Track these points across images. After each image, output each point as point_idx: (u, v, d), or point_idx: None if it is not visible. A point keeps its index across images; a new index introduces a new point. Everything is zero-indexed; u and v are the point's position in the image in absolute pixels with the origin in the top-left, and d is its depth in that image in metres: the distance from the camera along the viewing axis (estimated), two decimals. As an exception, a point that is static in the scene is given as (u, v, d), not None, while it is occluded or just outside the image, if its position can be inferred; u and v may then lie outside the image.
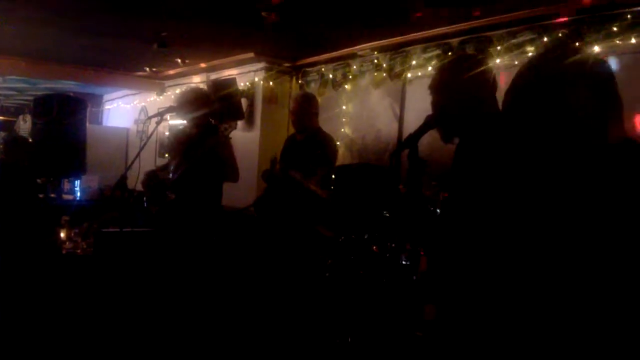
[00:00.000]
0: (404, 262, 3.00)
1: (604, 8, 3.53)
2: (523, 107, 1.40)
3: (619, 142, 1.33)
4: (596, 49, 3.52)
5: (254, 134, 6.18)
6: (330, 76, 5.69)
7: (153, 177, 3.93)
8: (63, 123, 6.85)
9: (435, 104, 2.22)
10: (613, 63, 3.43)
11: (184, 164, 3.89)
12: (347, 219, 3.63)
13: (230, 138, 4.28)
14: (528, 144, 1.42)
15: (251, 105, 6.28)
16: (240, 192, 4.80)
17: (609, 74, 1.37)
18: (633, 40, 3.41)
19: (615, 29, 3.47)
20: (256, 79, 6.22)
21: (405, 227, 3.10)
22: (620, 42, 3.48)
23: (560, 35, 3.74)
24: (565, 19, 3.74)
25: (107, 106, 9.90)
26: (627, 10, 3.43)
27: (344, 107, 5.54)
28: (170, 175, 3.94)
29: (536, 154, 1.41)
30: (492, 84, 2.11)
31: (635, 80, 3.41)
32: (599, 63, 1.40)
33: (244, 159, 4.40)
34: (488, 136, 1.94)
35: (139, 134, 8.60)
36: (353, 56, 5.43)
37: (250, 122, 6.28)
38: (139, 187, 3.80)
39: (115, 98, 9.49)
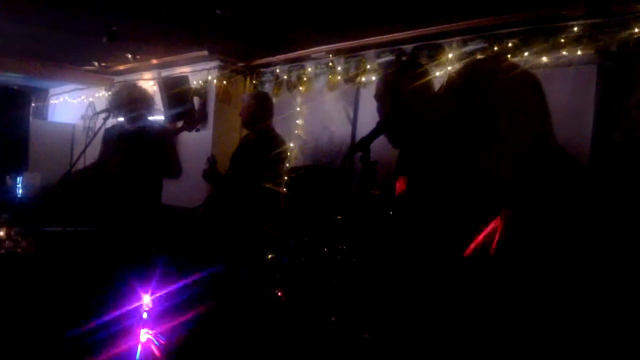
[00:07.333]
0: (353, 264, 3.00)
1: (552, 19, 3.64)
2: (452, 114, 1.45)
3: (548, 149, 1.38)
4: (544, 59, 3.63)
5: (207, 134, 6.08)
6: (285, 77, 5.66)
7: (81, 175, 3.89)
8: (5, 117, 6.57)
9: (379, 111, 2.28)
10: (559, 74, 3.54)
11: (118, 161, 3.84)
12: (299, 220, 3.61)
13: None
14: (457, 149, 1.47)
15: (204, 104, 6.19)
16: (190, 192, 4.72)
17: (536, 84, 1.42)
18: (579, 52, 3.53)
19: (562, 40, 3.58)
20: (209, 78, 6.12)
21: (356, 228, 3.11)
22: (567, 54, 3.59)
23: (510, 44, 3.83)
24: (515, 29, 3.84)
25: (53, 101, 9.53)
26: (574, 22, 3.55)
27: (298, 109, 5.52)
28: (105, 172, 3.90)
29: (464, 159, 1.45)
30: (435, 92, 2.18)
31: (581, 91, 3.53)
32: (527, 75, 1.45)
33: (196, 158, 4.32)
34: (426, 142, 1.99)
35: (85, 130, 8.34)
36: (308, 58, 5.43)
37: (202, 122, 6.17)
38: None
39: (62, 93, 9.15)
